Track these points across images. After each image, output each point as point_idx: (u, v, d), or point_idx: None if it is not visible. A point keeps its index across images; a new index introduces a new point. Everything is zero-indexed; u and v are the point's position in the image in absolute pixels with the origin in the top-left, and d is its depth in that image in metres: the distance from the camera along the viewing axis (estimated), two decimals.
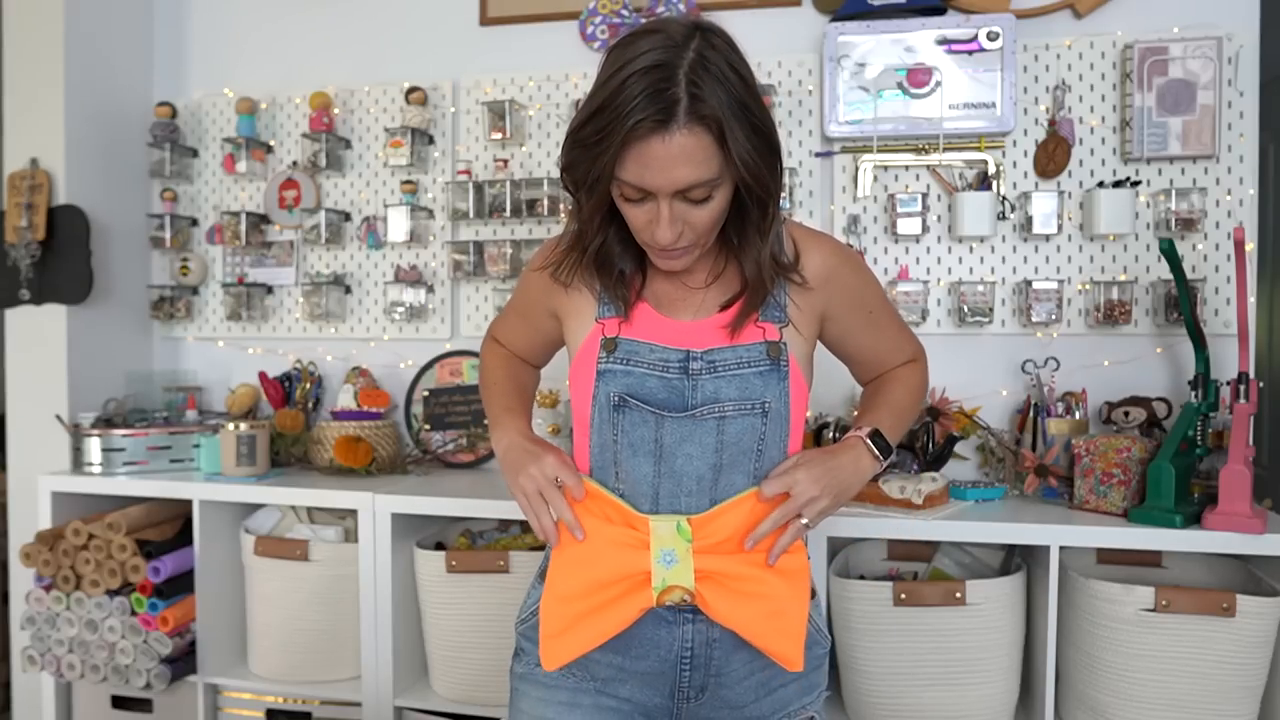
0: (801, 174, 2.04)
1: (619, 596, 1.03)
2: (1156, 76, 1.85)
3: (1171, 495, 1.57)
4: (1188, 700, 1.51)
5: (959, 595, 1.59)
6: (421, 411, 2.22)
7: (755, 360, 1.05)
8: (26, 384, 2.20)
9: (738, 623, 1.02)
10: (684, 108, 0.90)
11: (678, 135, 0.91)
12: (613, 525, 1.04)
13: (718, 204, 0.98)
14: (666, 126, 0.91)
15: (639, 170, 0.93)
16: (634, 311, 1.09)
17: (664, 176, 0.93)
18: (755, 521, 1.03)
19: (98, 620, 1.92)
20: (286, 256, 2.34)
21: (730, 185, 0.98)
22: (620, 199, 0.99)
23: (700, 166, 0.93)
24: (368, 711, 1.86)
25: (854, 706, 1.71)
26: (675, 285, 1.10)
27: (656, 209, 0.96)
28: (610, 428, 1.05)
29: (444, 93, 2.24)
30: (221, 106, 2.37)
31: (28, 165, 2.15)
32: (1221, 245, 1.87)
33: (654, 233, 0.97)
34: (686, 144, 0.92)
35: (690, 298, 1.10)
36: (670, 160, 0.92)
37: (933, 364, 1.99)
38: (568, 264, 1.10)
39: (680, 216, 0.97)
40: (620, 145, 0.92)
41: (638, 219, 0.99)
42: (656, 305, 1.10)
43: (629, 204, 0.99)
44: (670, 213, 0.96)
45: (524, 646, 1.13)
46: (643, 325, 1.08)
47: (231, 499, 1.96)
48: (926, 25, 1.92)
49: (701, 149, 0.92)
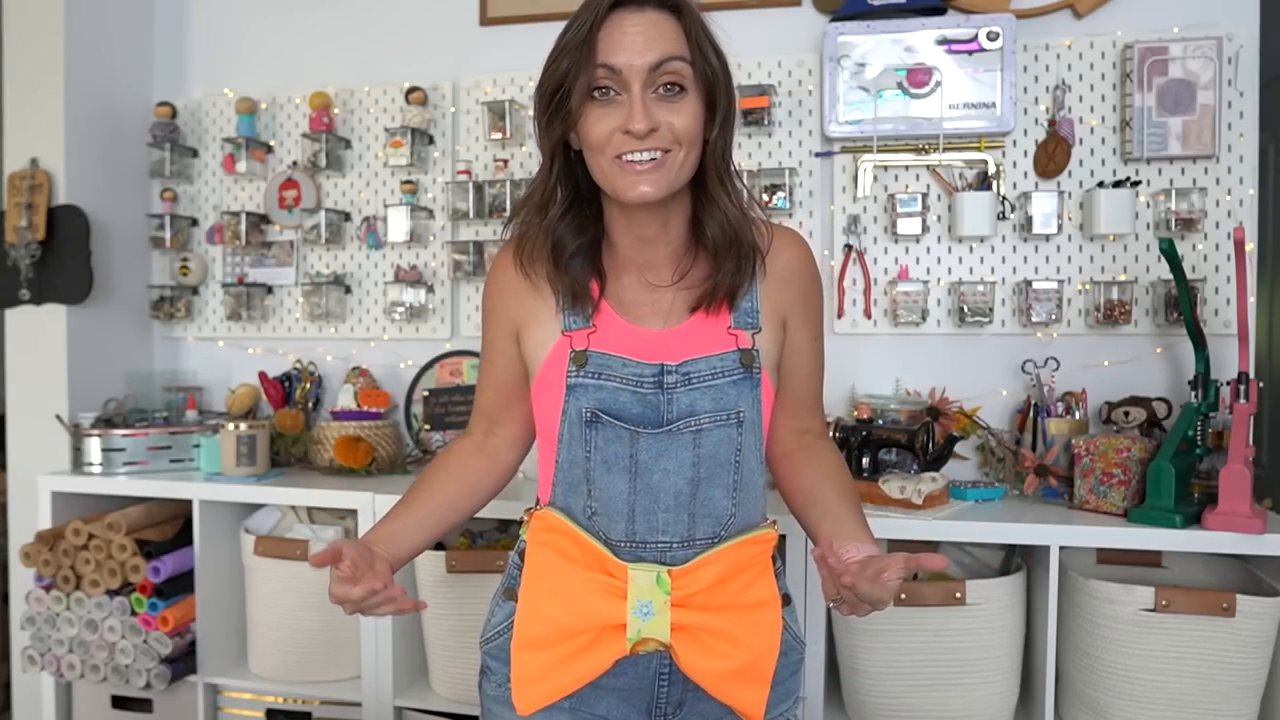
0: (801, 174, 2.04)
1: (592, 644, 1.00)
2: (1156, 76, 1.85)
3: (1171, 495, 1.57)
4: (1188, 700, 1.51)
5: (959, 595, 1.59)
6: (421, 411, 2.22)
7: (729, 370, 1.02)
8: (26, 384, 2.20)
9: (708, 679, 1.00)
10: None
11: (649, 11, 0.97)
12: (589, 571, 1.00)
13: (690, 104, 0.98)
14: (640, 4, 0.97)
15: (611, 48, 0.95)
16: (599, 318, 1.05)
17: (636, 49, 0.95)
18: (737, 573, 1.01)
19: (98, 620, 1.92)
20: (286, 256, 2.34)
21: (700, 93, 0.99)
22: (589, 108, 0.97)
23: (673, 42, 0.96)
24: (368, 711, 1.86)
25: (854, 706, 1.71)
26: (641, 286, 1.07)
27: (628, 103, 0.96)
28: (582, 444, 1.01)
29: (444, 93, 2.24)
30: (221, 106, 2.37)
31: (28, 165, 2.15)
32: (1221, 245, 1.87)
33: (629, 121, 0.95)
34: (658, 19, 0.97)
35: (658, 301, 1.06)
36: (643, 31, 0.95)
37: (933, 364, 2.03)
38: (531, 238, 1.07)
39: (653, 114, 0.96)
40: (594, 27, 0.95)
41: (607, 123, 0.97)
42: (622, 311, 1.06)
43: (598, 107, 0.97)
44: (644, 101, 0.95)
45: (491, 665, 1.10)
46: (611, 336, 1.04)
47: (231, 499, 1.96)
48: (926, 25, 1.92)
49: (672, 28, 0.97)
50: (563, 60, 0.98)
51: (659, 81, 0.96)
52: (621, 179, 0.98)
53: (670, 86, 0.97)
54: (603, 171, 0.99)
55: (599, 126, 0.97)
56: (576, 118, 0.98)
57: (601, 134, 0.97)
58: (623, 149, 0.97)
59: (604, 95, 0.97)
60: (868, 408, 1.93)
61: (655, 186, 0.98)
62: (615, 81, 0.96)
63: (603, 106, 0.97)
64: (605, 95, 0.97)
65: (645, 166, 0.97)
